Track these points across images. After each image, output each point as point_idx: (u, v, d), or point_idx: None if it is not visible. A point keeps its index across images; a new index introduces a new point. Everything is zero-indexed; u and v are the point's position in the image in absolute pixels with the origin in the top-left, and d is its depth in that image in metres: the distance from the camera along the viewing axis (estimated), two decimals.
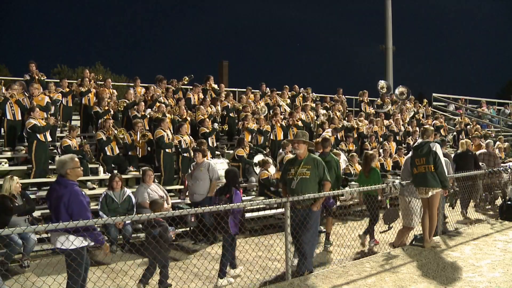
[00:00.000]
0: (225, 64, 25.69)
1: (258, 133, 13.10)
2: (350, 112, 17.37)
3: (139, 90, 13.81)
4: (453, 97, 26.27)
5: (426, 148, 7.25)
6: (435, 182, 7.16)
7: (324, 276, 6.03)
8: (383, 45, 25.22)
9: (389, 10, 24.62)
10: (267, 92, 16.46)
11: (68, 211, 4.72)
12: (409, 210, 7.54)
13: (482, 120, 23.38)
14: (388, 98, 19.30)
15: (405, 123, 17.86)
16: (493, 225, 9.04)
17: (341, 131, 14.85)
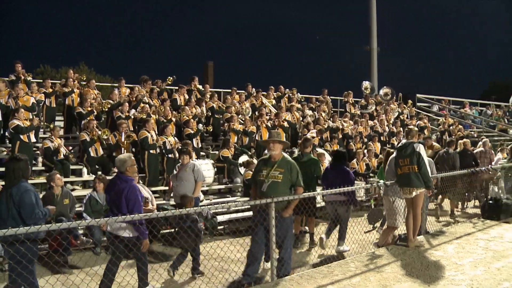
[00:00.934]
0: (210, 64, 25.68)
1: (243, 134, 13.11)
2: (335, 113, 17.48)
3: (123, 90, 13.73)
4: (436, 98, 26.58)
5: (410, 148, 7.31)
6: (418, 182, 7.23)
7: (309, 276, 6.05)
8: (368, 46, 25.43)
9: (374, 11, 24.84)
10: (252, 92, 16.48)
11: (127, 202, 5.63)
12: (393, 210, 7.61)
13: (465, 121, 23.67)
14: (372, 99, 19.45)
15: (390, 123, 18.01)
16: (475, 224, 9.16)
17: (326, 132, 14.92)
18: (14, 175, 5.21)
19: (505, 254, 6.91)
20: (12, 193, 5.13)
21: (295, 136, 14.76)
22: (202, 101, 14.34)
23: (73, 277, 6.19)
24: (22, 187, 5.18)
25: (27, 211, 5.11)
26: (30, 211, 5.12)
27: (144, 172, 10.63)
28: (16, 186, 5.17)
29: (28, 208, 5.12)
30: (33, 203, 5.17)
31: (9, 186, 5.20)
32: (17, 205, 5.11)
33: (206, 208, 6.19)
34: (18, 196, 5.11)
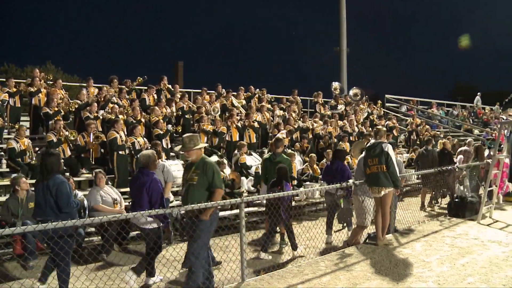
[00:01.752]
0: (180, 64, 25.48)
1: (213, 134, 13.07)
2: (305, 113, 17.59)
3: (92, 90, 13.50)
4: (405, 98, 27.05)
5: (379, 148, 7.43)
6: (387, 182, 7.35)
7: (279, 276, 6.08)
8: (338, 47, 25.64)
9: (344, 12, 25.06)
10: (222, 93, 16.44)
11: (148, 195, 6.17)
12: (362, 209, 7.70)
13: (432, 121, 24.17)
14: (341, 99, 19.65)
15: (359, 123, 18.23)
16: (442, 222, 9.36)
17: (296, 132, 15.01)
18: (48, 169, 5.78)
19: (470, 250, 7.09)
20: (49, 185, 5.69)
21: (266, 136, 14.80)
22: (172, 101, 14.23)
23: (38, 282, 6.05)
24: (58, 179, 5.76)
25: (64, 200, 5.69)
26: (66, 201, 5.71)
27: (113, 173, 10.48)
28: (52, 178, 5.73)
29: (64, 198, 5.70)
30: (69, 193, 5.78)
31: (46, 179, 5.75)
32: (54, 196, 5.66)
33: (176, 209, 6.14)
34: (55, 187, 5.67)
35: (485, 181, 9.80)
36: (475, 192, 10.64)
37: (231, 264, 6.56)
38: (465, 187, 10.54)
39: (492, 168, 9.44)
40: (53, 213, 5.64)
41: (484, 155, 11.51)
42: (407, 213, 10.02)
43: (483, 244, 7.48)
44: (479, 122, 26.50)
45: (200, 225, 5.63)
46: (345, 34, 25.13)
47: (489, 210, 9.69)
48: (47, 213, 5.65)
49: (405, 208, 10.22)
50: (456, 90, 56.61)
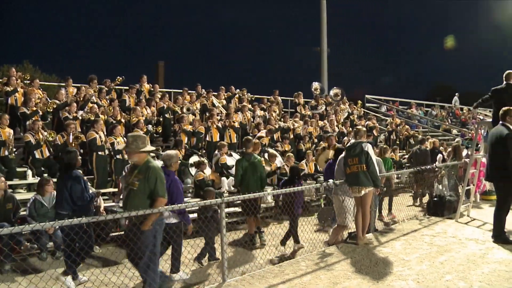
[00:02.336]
0: (160, 64, 25.37)
1: (192, 134, 13.02)
2: (286, 113, 17.65)
3: (71, 90, 13.33)
4: (385, 98, 27.34)
5: (359, 148, 7.49)
6: (367, 181, 7.42)
7: (260, 276, 6.09)
8: (318, 47, 25.77)
9: (324, 12, 25.20)
10: (202, 93, 16.40)
11: (169, 193, 6.08)
12: (342, 209, 7.75)
13: (412, 121, 24.47)
14: (322, 99, 19.77)
15: (340, 124, 18.36)
16: (421, 220, 9.49)
17: (277, 132, 15.06)
18: (66, 165, 6.43)
19: (448, 248, 7.20)
20: (65, 180, 6.31)
21: (246, 134, 14.79)
22: (152, 101, 14.15)
23: (15, 285, 5.97)
24: (74, 175, 6.38)
25: (77, 194, 6.26)
26: (80, 195, 6.29)
27: (92, 174, 10.38)
28: (68, 174, 6.34)
29: (78, 192, 6.28)
30: (83, 188, 6.35)
31: (64, 174, 6.39)
32: (69, 190, 6.26)
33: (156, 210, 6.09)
34: (70, 182, 6.28)
35: (463, 180, 9.95)
36: (454, 191, 10.80)
37: (212, 264, 6.55)
38: (443, 186, 10.68)
39: (470, 168, 9.58)
40: (69, 206, 6.22)
41: (462, 155, 11.72)
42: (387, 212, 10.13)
43: (461, 242, 7.60)
44: (457, 122, 26.94)
45: (143, 236, 5.18)
46: (326, 34, 25.28)
47: (467, 208, 9.85)
48: (64, 206, 6.25)
49: (385, 207, 10.34)
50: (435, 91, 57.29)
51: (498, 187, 7.62)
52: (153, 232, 5.24)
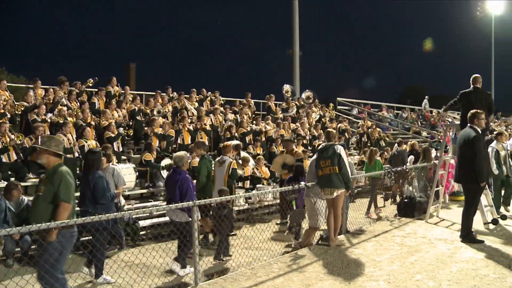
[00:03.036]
0: (132, 66, 25.11)
1: (162, 138, 12.95)
2: (258, 116, 17.72)
3: (39, 92, 13.08)
4: (356, 101, 27.70)
5: (331, 150, 7.60)
6: (339, 183, 7.52)
7: (233, 279, 6.11)
8: (291, 50, 25.90)
9: (296, 15, 25.36)
10: (173, 96, 16.32)
11: (180, 191, 6.93)
12: (314, 210, 7.85)
13: (382, 123, 24.85)
14: (293, 102, 19.91)
15: (312, 126, 18.52)
16: (392, 222, 9.65)
17: (249, 135, 15.11)
18: (90, 165, 6.89)
19: (418, 248, 7.35)
20: (89, 179, 6.77)
21: (218, 139, 14.81)
22: (122, 104, 14.03)
23: None
24: (96, 175, 6.83)
25: (99, 193, 6.72)
26: (102, 194, 6.75)
27: None
28: (92, 174, 6.79)
29: (100, 192, 6.74)
30: (105, 187, 6.83)
31: (88, 173, 6.84)
32: (91, 189, 6.72)
33: (127, 213, 6.05)
34: (93, 182, 6.73)
35: (432, 181, 10.17)
36: (423, 192, 11.00)
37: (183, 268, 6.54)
38: (413, 188, 10.88)
39: (439, 169, 9.81)
40: (91, 205, 6.64)
41: (432, 157, 11.97)
42: (358, 214, 10.27)
43: (431, 242, 7.77)
44: (427, 125, 27.47)
45: (49, 249, 4.73)
46: (298, 37, 25.44)
47: (436, 209, 10.05)
48: (86, 204, 6.69)
49: (356, 209, 10.47)
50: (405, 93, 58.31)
51: (466, 188, 7.86)
52: (59, 248, 4.74)
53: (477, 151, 7.38)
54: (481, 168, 7.42)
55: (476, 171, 7.37)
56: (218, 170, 9.71)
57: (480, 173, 7.38)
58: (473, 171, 7.40)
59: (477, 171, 7.37)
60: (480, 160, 7.43)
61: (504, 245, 7.48)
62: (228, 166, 9.60)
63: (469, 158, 7.46)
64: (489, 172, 9.36)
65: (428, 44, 63.58)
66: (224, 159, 9.76)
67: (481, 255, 6.92)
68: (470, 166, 7.44)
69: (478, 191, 7.68)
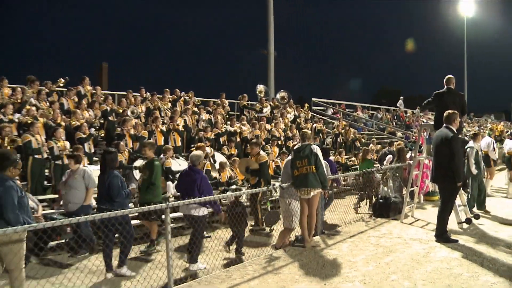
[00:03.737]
0: (104, 66, 24.77)
1: (134, 139, 12.80)
2: (233, 116, 17.67)
3: (6, 91, 12.77)
4: (331, 101, 27.91)
5: (308, 150, 7.65)
6: (316, 183, 7.57)
7: (207, 281, 6.07)
8: (265, 49, 25.88)
9: (271, 15, 25.36)
10: (147, 96, 16.17)
11: (199, 189, 7.27)
12: (289, 211, 7.85)
13: (357, 124, 25.10)
14: (267, 102, 19.93)
15: (287, 127, 18.56)
16: (367, 222, 9.74)
17: (223, 136, 15.06)
18: (106, 165, 7.25)
19: (393, 249, 7.43)
20: (105, 178, 7.14)
21: (191, 140, 14.70)
22: (94, 104, 13.82)
23: None
24: (112, 174, 7.18)
25: (115, 192, 7.06)
26: (117, 192, 7.07)
27: (26, 180, 10.00)
28: (108, 173, 7.17)
29: (115, 190, 7.06)
30: (119, 186, 7.14)
31: (104, 173, 7.23)
32: (106, 187, 7.08)
33: (98, 216, 5.97)
34: (108, 180, 7.09)
35: (407, 181, 10.30)
36: (398, 192, 11.15)
37: (157, 271, 6.46)
38: (388, 188, 10.99)
39: (413, 169, 9.95)
40: (107, 202, 6.96)
41: (406, 157, 12.12)
42: (334, 214, 10.33)
43: (406, 242, 7.86)
44: (402, 125, 27.88)
45: None
46: (273, 37, 25.41)
47: (411, 209, 10.19)
48: (103, 201, 7.06)
49: (332, 210, 10.53)
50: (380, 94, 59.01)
51: (443, 188, 7.95)
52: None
53: (455, 151, 7.48)
54: (458, 168, 7.54)
55: (454, 170, 7.48)
56: None
57: (457, 173, 7.49)
58: (451, 171, 7.51)
59: (455, 170, 7.48)
60: (458, 160, 7.55)
61: (477, 244, 7.64)
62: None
63: (446, 158, 7.56)
64: (464, 172, 9.53)
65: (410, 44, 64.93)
66: None
67: (455, 254, 7.04)
68: (447, 166, 7.55)
69: (455, 191, 7.81)
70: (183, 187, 7.65)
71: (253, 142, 10.95)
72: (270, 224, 9.54)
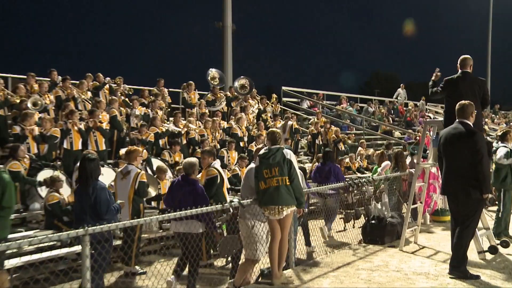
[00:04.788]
0: None
1: (40, 140, 12.48)
2: (177, 111, 17.49)
3: None
4: (307, 91, 28.01)
5: (279, 155, 7.48)
6: (290, 199, 7.43)
7: None
8: (220, 22, 25.56)
9: None
10: (58, 82, 15.85)
11: (195, 203, 7.27)
12: (252, 237, 7.73)
13: (342, 121, 25.18)
14: (221, 92, 19.85)
15: (250, 124, 18.49)
16: (355, 250, 9.73)
17: (164, 137, 14.87)
18: (88, 175, 7.49)
19: (391, 286, 7.42)
20: (89, 192, 7.37)
21: (121, 141, 14.46)
22: None
23: None
24: (98, 186, 7.48)
25: (103, 207, 7.37)
26: (106, 208, 7.41)
27: None
28: (91, 185, 7.43)
29: (104, 205, 7.39)
30: (108, 199, 7.51)
31: (85, 185, 7.46)
32: (92, 203, 7.33)
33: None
34: (94, 194, 7.35)
35: (407, 196, 10.28)
36: (396, 210, 11.18)
37: None
38: (383, 205, 10.96)
39: (416, 180, 9.92)
40: (93, 221, 6.83)
41: (406, 164, 12.17)
42: (311, 240, 10.31)
43: (407, 277, 7.87)
44: (401, 122, 28.10)
45: None
46: (230, 6, 25.12)
47: (414, 233, 10.22)
48: (87, 221, 6.89)
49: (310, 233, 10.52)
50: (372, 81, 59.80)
51: (463, 203, 7.59)
52: None
53: (482, 151, 7.29)
54: (486, 174, 7.39)
55: (481, 178, 7.28)
56: (120, 185, 9.47)
57: (485, 181, 7.31)
58: (474, 178, 7.31)
59: (482, 178, 7.28)
60: (486, 164, 7.40)
61: (506, 281, 7.58)
62: (134, 179, 9.41)
63: (465, 162, 7.28)
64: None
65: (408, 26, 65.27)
66: (129, 169, 9.56)
67: None
68: (471, 173, 7.32)
69: (480, 206, 7.61)
70: (176, 200, 8.25)
71: (206, 151, 10.77)
72: (226, 254, 9.40)
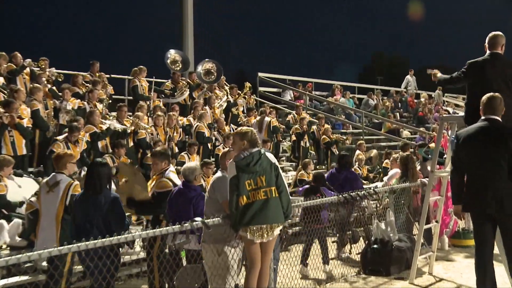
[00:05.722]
0: None
1: None
2: (123, 104, 17.40)
3: None
4: (290, 79, 27.93)
5: (265, 161, 7.41)
6: (280, 215, 7.41)
7: None
8: None
9: None
10: None
11: (195, 211, 8.33)
12: (220, 267, 7.70)
13: (335, 117, 25.12)
14: (183, 80, 19.85)
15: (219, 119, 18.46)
16: (352, 283, 9.75)
17: (104, 138, 14.78)
18: (100, 182, 7.92)
19: None
20: (100, 201, 7.77)
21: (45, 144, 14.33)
22: None
23: None
24: (111, 195, 7.93)
25: (117, 221, 7.74)
26: (121, 221, 7.77)
27: None
28: (102, 193, 7.84)
29: (119, 218, 7.80)
30: (123, 212, 7.95)
31: (95, 194, 7.83)
32: (105, 215, 7.72)
33: None
34: (107, 204, 7.76)
35: (420, 213, 10.28)
36: (405, 232, 11.18)
37: None
38: (388, 225, 10.92)
39: (430, 192, 9.89)
40: (100, 234, 7.02)
41: (418, 171, 12.17)
42: (296, 270, 10.31)
43: None
44: (411, 118, 28.16)
45: None
46: None
47: (428, 261, 10.23)
48: (94, 234, 7.01)
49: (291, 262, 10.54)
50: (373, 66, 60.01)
51: (505, 222, 7.22)
52: None
53: None
54: None
55: None
56: (46, 199, 9.37)
57: None
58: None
59: None
60: None
61: None
62: (64, 192, 9.32)
63: (500, 167, 7.13)
64: None
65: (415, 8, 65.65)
66: (58, 179, 9.44)
67: None
68: (506, 179, 7.09)
69: None
70: (175, 210, 8.72)
71: (158, 153, 10.61)
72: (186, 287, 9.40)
